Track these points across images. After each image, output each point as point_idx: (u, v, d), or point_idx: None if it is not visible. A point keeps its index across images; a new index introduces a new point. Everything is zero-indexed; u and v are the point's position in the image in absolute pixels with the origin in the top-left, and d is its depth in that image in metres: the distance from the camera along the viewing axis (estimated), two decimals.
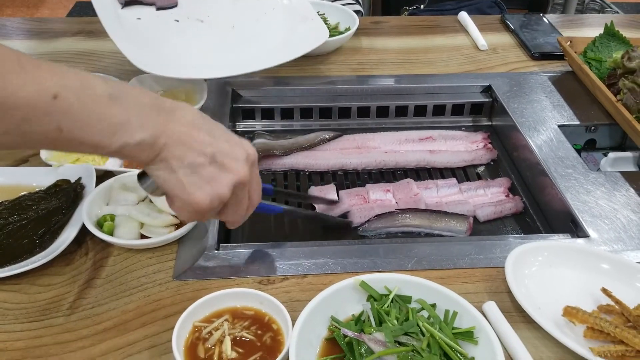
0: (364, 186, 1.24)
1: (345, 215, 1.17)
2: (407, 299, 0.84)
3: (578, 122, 1.35)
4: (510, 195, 1.25)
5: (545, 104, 1.39)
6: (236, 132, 1.43)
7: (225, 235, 1.11)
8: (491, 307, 0.87)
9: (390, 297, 0.83)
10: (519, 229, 1.18)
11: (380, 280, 0.85)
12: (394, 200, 1.22)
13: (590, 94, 1.43)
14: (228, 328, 0.82)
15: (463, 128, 1.46)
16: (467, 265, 0.96)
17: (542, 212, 1.20)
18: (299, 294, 0.90)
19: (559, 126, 1.32)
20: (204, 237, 1.00)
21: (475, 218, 1.19)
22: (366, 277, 0.85)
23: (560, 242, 0.98)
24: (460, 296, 0.82)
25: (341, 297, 0.84)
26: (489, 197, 1.24)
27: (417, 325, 0.79)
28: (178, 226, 0.99)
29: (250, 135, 1.38)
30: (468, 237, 1.04)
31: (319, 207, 1.19)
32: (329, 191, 1.22)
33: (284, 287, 0.91)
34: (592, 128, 1.36)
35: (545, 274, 0.93)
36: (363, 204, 1.20)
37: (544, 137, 1.28)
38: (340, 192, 1.23)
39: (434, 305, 0.83)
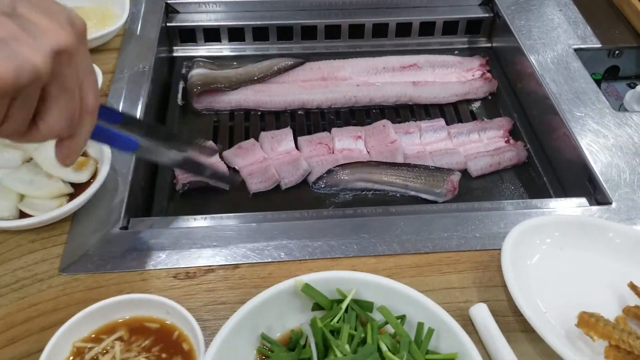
0: (329, 131, 0.99)
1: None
2: (367, 306, 0.62)
3: (599, 45, 1.08)
4: (512, 141, 1.00)
5: (558, 21, 1.12)
6: (173, 58, 1.15)
7: (146, 208, 0.87)
8: (481, 311, 0.65)
9: (344, 305, 0.61)
10: (521, 187, 0.94)
11: (330, 281, 0.62)
12: (365, 150, 0.97)
13: (615, 7, 1.15)
14: (120, 351, 0.60)
15: (456, 52, 1.19)
16: (451, 247, 0.73)
17: (550, 164, 0.96)
18: (227, 292, 0.68)
19: (575, 50, 1.05)
20: (109, 210, 0.76)
21: (466, 171, 0.95)
22: (311, 278, 0.62)
23: (574, 217, 0.75)
24: (439, 307, 0.59)
25: (278, 306, 0.61)
26: (485, 144, 0.99)
27: (378, 349, 0.57)
28: (72, 197, 0.75)
29: (188, 63, 1.11)
30: (453, 208, 0.81)
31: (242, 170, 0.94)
32: (283, 138, 0.97)
33: (208, 283, 0.68)
34: (616, 52, 1.09)
35: (554, 262, 0.71)
36: (326, 154, 0.95)
37: (555, 63, 1.02)
38: (299, 139, 0.98)
39: (402, 318, 0.61)
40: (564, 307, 0.65)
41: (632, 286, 0.66)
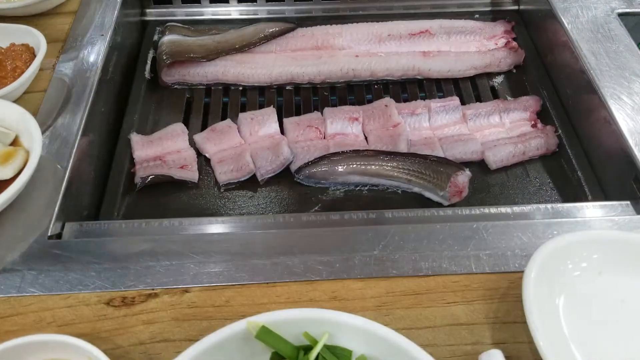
0: (322, 111, 0.83)
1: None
2: (343, 355, 0.48)
3: None
4: (540, 125, 0.83)
5: None
6: (145, 22, 0.99)
7: (95, 204, 0.73)
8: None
9: (313, 355, 0.46)
10: (550, 183, 0.78)
11: (295, 323, 0.48)
12: (363, 134, 0.82)
13: None
14: None
15: (477, 15, 1.01)
16: (459, 268, 0.58)
17: (586, 156, 0.80)
18: (170, 326, 0.54)
19: (619, 14, 0.88)
20: (40, 214, 0.62)
21: (483, 162, 0.79)
22: (269, 319, 0.47)
23: (616, 235, 0.58)
24: None
25: (226, 354, 0.47)
26: (507, 128, 0.83)
27: None
28: None
29: (161, 28, 0.95)
30: (463, 214, 0.65)
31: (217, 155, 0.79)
32: (265, 119, 0.81)
33: (148, 312, 0.55)
34: None
35: (591, 292, 0.55)
36: (315, 140, 0.80)
37: (594, 30, 0.85)
38: (284, 120, 0.82)
39: None
40: (602, 357, 0.50)
41: None
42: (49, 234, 0.60)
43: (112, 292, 0.56)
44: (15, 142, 0.66)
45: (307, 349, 0.47)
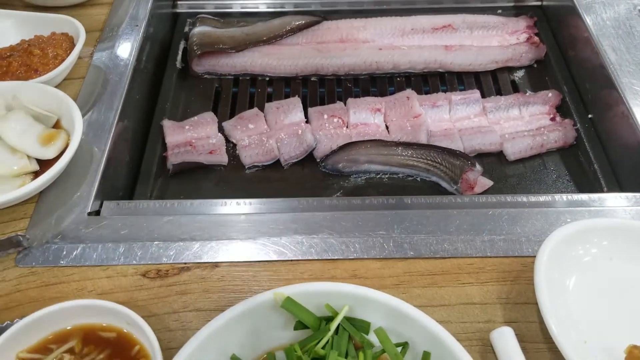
0: (345, 101, 0.86)
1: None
2: (362, 326, 0.51)
3: None
4: (558, 119, 0.85)
5: None
6: (177, 14, 1.03)
7: (129, 185, 0.77)
8: (504, 337, 0.53)
9: (333, 325, 0.50)
10: (566, 175, 0.80)
11: (318, 295, 0.51)
12: (384, 125, 0.84)
13: None
14: None
15: (499, 11, 1.03)
16: (474, 251, 0.61)
17: (603, 149, 0.81)
18: (201, 297, 0.57)
19: None
20: (80, 192, 0.66)
21: (501, 153, 0.82)
22: (294, 290, 0.51)
23: (628, 223, 0.60)
24: (452, 337, 0.48)
25: (254, 322, 0.51)
26: (526, 121, 0.85)
27: None
28: (38, 175, 0.65)
29: (192, 20, 0.99)
30: (480, 202, 0.68)
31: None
32: (290, 109, 0.84)
33: (181, 284, 0.58)
34: None
35: (601, 277, 0.58)
36: (337, 129, 0.83)
37: (616, 26, 0.87)
38: (309, 110, 0.85)
39: (405, 345, 0.49)
40: (610, 337, 0.53)
41: None
42: (88, 211, 0.64)
43: (147, 264, 0.60)
44: (56, 125, 0.71)
45: (329, 320, 0.51)
